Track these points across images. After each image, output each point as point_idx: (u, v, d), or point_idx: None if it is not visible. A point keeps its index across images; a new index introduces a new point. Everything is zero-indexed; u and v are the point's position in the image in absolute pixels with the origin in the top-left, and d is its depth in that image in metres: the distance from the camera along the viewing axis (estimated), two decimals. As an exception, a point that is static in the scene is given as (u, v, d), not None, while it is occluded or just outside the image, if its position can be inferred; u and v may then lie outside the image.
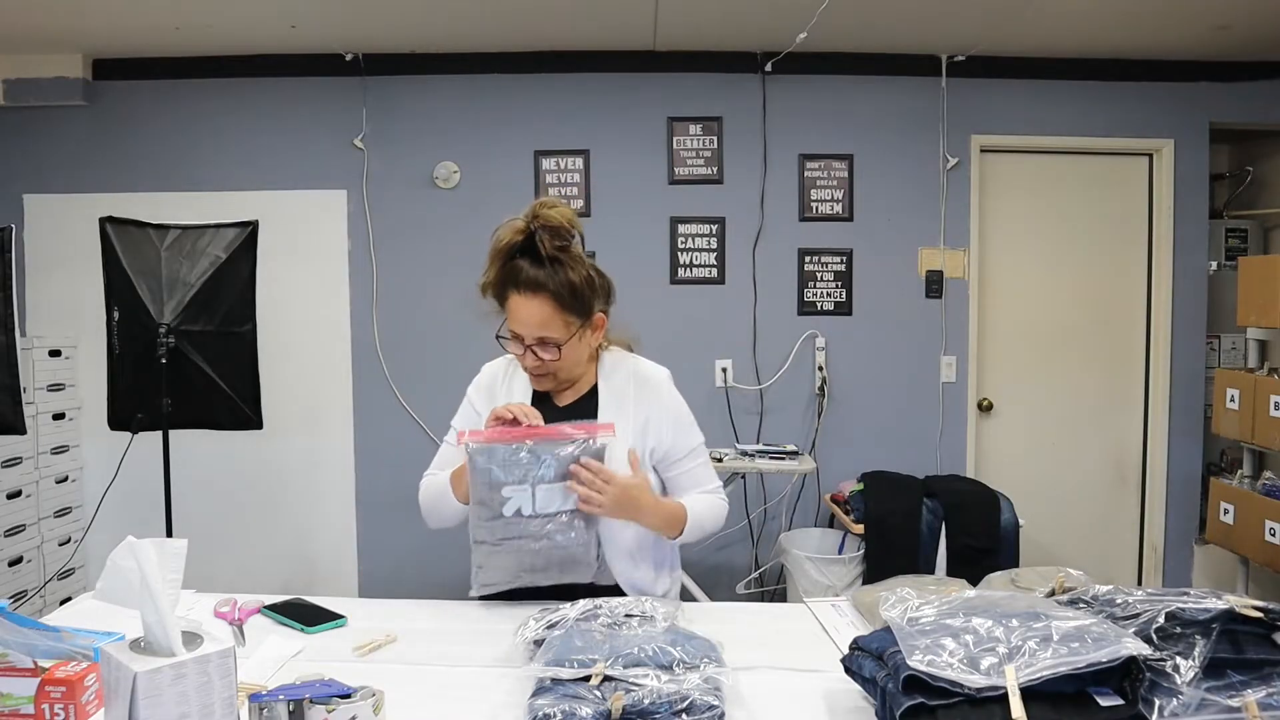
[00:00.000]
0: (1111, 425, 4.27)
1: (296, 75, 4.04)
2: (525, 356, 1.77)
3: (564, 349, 1.75)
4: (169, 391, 3.08)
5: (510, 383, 1.90)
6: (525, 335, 1.75)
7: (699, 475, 1.88)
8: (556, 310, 1.73)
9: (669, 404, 1.86)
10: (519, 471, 1.65)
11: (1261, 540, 3.34)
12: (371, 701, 1.13)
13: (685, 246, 4.10)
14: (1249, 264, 3.62)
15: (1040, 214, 4.22)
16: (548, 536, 1.67)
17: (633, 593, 1.82)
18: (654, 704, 1.17)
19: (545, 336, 1.74)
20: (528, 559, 1.68)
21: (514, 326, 1.76)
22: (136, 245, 3.14)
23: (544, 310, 1.72)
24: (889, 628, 1.23)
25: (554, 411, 1.83)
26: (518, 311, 1.74)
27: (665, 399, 1.86)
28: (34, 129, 4.03)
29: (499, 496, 1.66)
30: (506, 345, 1.80)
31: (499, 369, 1.94)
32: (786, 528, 4.05)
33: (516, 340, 1.77)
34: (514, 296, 1.74)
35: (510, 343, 1.79)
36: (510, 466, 1.65)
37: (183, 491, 3.50)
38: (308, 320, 4.10)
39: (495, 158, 4.07)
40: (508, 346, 1.80)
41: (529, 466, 1.65)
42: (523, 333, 1.75)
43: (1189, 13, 3.51)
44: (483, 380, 1.94)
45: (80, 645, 1.28)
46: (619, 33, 3.81)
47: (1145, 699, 1.08)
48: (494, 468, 1.65)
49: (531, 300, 1.72)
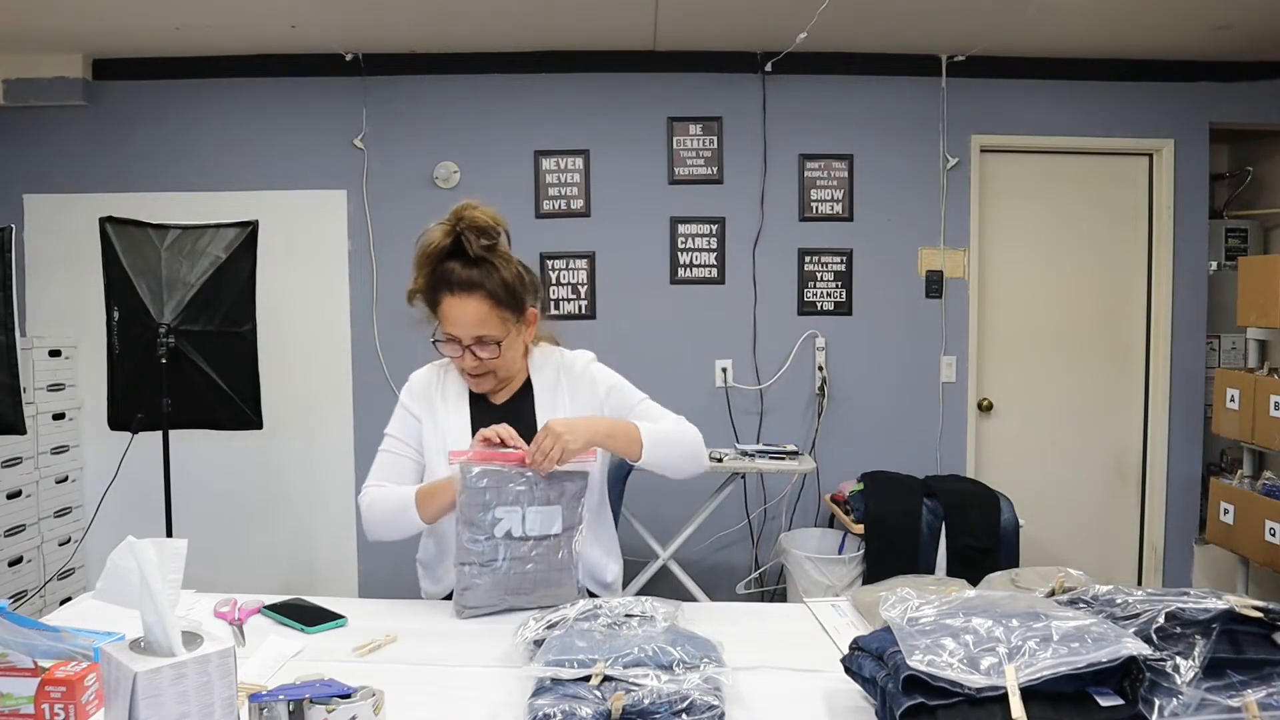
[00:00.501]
0: (1111, 425, 4.27)
1: (296, 75, 4.04)
2: (464, 358, 1.78)
3: (502, 346, 1.78)
4: (169, 391, 3.08)
5: (444, 387, 1.91)
6: (463, 336, 1.76)
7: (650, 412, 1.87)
8: (493, 308, 1.76)
9: (598, 379, 1.90)
10: (511, 494, 1.66)
11: (1261, 540, 3.34)
12: (371, 701, 1.13)
13: (685, 246, 4.10)
14: (1249, 264, 3.62)
15: (1040, 214, 4.22)
16: (535, 560, 1.68)
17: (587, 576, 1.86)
18: (654, 704, 1.17)
19: (483, 335, 1.76)
20: (514, 581, 1.68)
21: (450, 329, 1.77)
22: (136, 245, 3.14)
23: (480, 309, 1.75)
24: (889, 628, 1.23)
25: (491, 410, 1.87)
26: (453, 313, 1.76)
27: (596, 378, 1.90)
28: (34, 129, 4.03)
29: (490, 518, 1.66)
30: (443, 349, 1.81)
31: (430, 375, 1.94)
32: (786, 528, 4.05)
33: (453, 343, 1.78)
34: (447, 299, 1.76)
35: (446, 345, 1.79)
36: (503, 489, 1.66)
37: (183, 491, 3.50)
38: (308, 320, 4.10)
39: (495, 158, 4.07)
40: (444, 350, 1.81)
41: (520, 490, 1.67)
42: (460, 334, 1.76)
43: (1189, 13, 3.51)
44: (415, 388, 1.93)
45: (80, 645, 1.28)
46: (619, 33, 3.81)
47: (1145, 699, 1.07)
48: (488, 490, 1.66)
49: (467, 300, 1.75)
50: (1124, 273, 4.23)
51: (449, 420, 1.87)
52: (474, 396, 1.89)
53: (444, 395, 1.90)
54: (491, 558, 1.67)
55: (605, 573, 1.91)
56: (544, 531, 1.68)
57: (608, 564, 1.93)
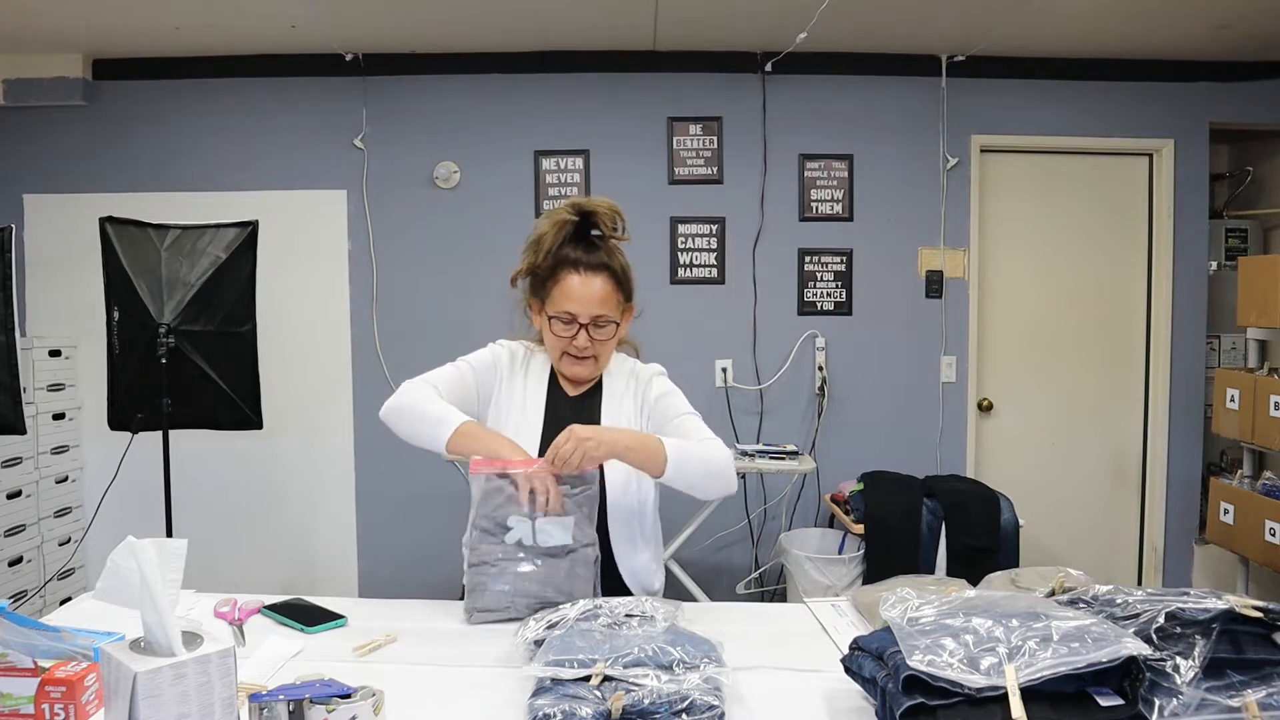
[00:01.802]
0: (1111, 425, 4.27)
1: (296, 75, 4.03)
2: (578, 337, 1.79)
3: (612, 336, 1.82)
4: (169, 391, 3.08)
5: (529, 363, 1.92)
6: (581, 314, 1.78)
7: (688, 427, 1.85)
8: (614, 290, 1.82)
9: (656, 386, 1.91)
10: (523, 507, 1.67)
11: (1261, 540, 3.34)
12: (371, 701, 1.13)
13: (685, 246, 4.10)
14: (1249, 264, 3.62)
15: (1040, 214, 4.22)
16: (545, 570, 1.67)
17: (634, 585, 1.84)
18: (654, 704, 1.17)
19: (602, 315, 1.79)
20: (524, 584, 1.66)
21: (569, 307, 1.78)
22: (136, 245, 3.14)
23: (605, 288, 1.80)
24: (889, 628, 1.23)
25: (565, 400, 1.88)
26: (578, 290, 1.78)
27: (655, 384, 1.91)
28: (34, 129, 4.03)
29: (502, 527, 1.67)
30: (555, 327, 1.81)
31: (518, 350, 1.95)
32: (786, 528, 4.05)
33: (571, 322, 1.79)
34: (572, 277, 1.79)
35: (561, 325, 1.80)
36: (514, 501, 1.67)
37: (183, 491, 3.51)
38: (308, 320, 4.10)
39: (495, 158, 4.06)
40: (556, 329, 1.81)
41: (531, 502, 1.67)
42: (580, 311, 1.78)
43: (1189, 13, 3.51)
44: (503, 351, 1.93)
45: (80, 645, 1.28)
46: (619, 33, 3.81)
47: (1145, 699, 1.08)
48: (501, 498, 1.67)
49: (593, 279, 1.79)
50: (1124, 273, 4.23)
51: (526, 396, 1.87)
52: (551, 383, 1.90)
53: (527, 371, 1.91)
54: (503, 557, 1.67)
55: (654, 580, 1.90)
56: (556, 543, 1.67)
57: (656, 572, 1.92)
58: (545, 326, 1.85)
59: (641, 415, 1.89)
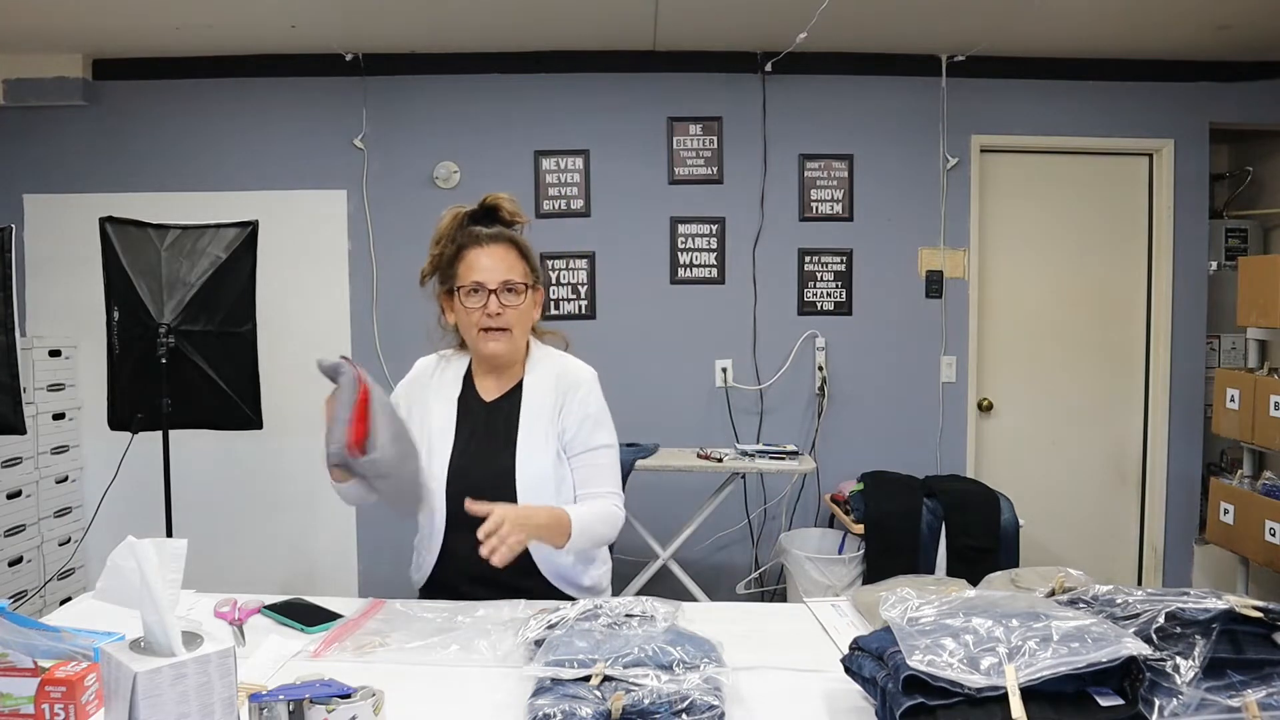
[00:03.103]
0: (1111, 425, 4.27)
1: (296, 75, 4.04)
2: (489, 303, 1.80)
3: (522, 304, 1.83)
4: (169, 391, 3.08)
5: (442, 375, 1.94)
6: (489, 280, 1.81)
7: (598, 474, 1.86)
8: (519, 257, 1.86)
9: (585, 399, 1.88)
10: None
11: (1261, 540, 3.34)
12: (371, 701, 1.13)
13: (685, 246, 4.10)
14: (1249, 264, 3.62)
15: (1040, 214, 4.22)
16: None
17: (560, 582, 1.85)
18: (654, 704, 1.17)
19: (510, 280, 1.81)
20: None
21: (476, 277, 1.81)
22: (136, 245, 3.14)
23: (508, 256, 1.84)
24: (889, 628, 1.23)
25: (480, 407, 1.89)
26: (481, 260, 1.82)
27: (583, 393, 1.88)
28: (34, 129, 4.03)
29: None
30: (467, 302, 1.82)
31: (431, 364, 1.98)
32: (786, 528, 4.05)
33: (479, 292, 1.81)
34: (475, 251, 1.83)
35: (472, 297, 1.81)
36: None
37: (183, 491, 3.50)
38: (308, 320, 4.09)
39: (495, 158, 4.06)
40: (469, 303, 1.82)
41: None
42: (486, 279, 1.81)
43: (1189, 13, 3.51)
44: (415, 373, 1.98)
45: (80, 645, 1.28)
46: (619, 33, 3.81)
47: (1145, 699, 1.07)
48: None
49: (495, 248, 1.84)
50: (1124, 273, 4.23)
51: (436, 407, 1.89)
52: (464, 390, 1.91)
53: (441, 381, 1.93)
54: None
55: (582, 576, 1.88)
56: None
57: (588, 570, 1.90)
58: (459, 310, 1.85)
59: (555, 427, 1.85)
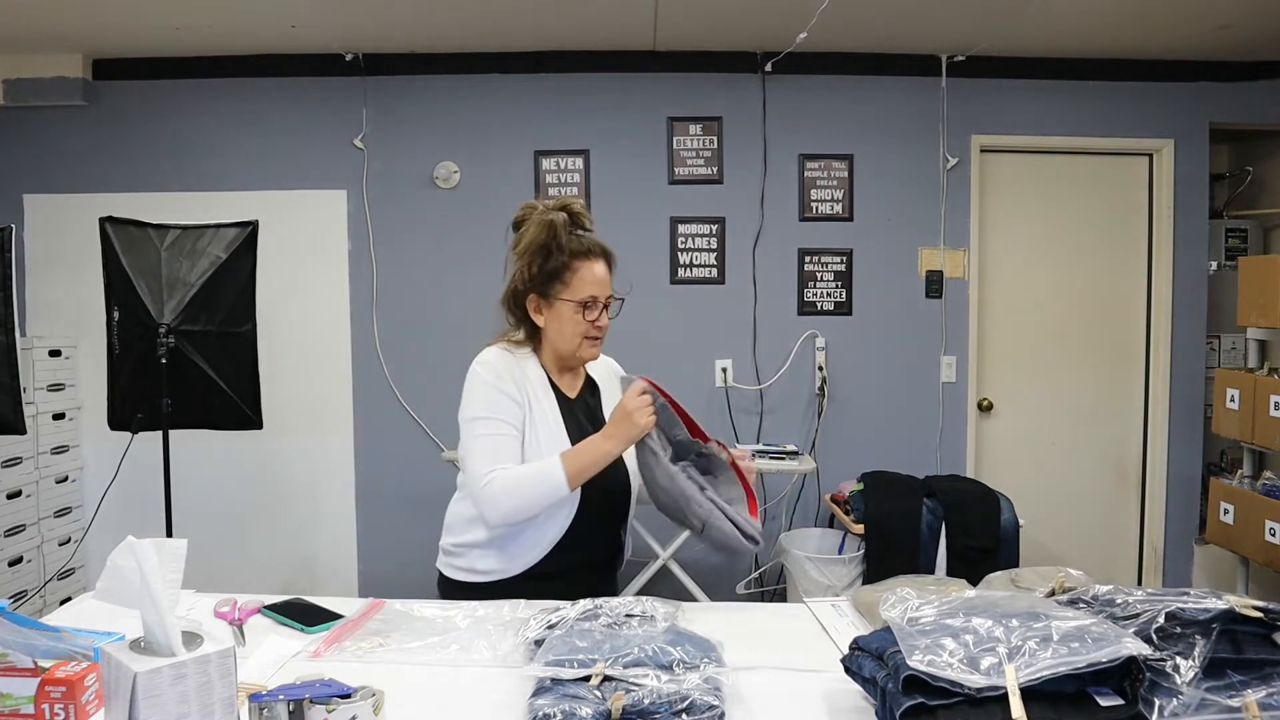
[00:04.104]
0: (1111, 425, 4.27)
1: (296, 75, 4.03)
2: (601, 317, 1.87)
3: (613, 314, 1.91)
4: (169, 391, 3.08)
5: (525, 371, 1.89)
6: (602, 294, 1.86)
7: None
8: (610, 269, 1.90)
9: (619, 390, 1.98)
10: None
11: (1261, 540, 3.34)
12: (371, 701, 1.13)
13: (685, 246, 4.10)
14: (1249, 264, 3.61)
15: (1040, 214, 4.22)
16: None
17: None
18: (654, 704, 1.17)
19: (612, 294, 1.88)
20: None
21: (593, 291, 1.84)
22: (136, 245, 3.14)
23: (606, 270, 1.88)
24: (889, 628, 1.23)
25: (568, 403, 1.93)
26: (596, 274, 1.85)
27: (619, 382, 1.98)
28: (34, 129, 4.03)
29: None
30: (580, 314, 1.85)
31: (508, 359, 1.89)
32: (786, 528, 4.05)
33: (592, 305, 1.85)
34: (585, 264, 1.84)
35: (585, 310, 1.85)
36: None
37: (183, 491, 3.50)
38: (308, 320, 4.10)
39: (495, 158, 4.06)
40: (582, 316, 1.85)
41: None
42: (600, 293, 1.85)
43: (1189, 13, 3.51)
44: (501, 368, 1.87)
45: (80, 645, 1.28)
46: (619, 33, 3.80)
47: (1145, 699, 1.07)
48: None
49: (599, 262, 1.87)
50: (1124, 273, 4.23)
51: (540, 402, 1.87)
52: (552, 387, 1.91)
53: (526, 376, 1.88)
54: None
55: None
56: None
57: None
58: (564, 316, 1.86)
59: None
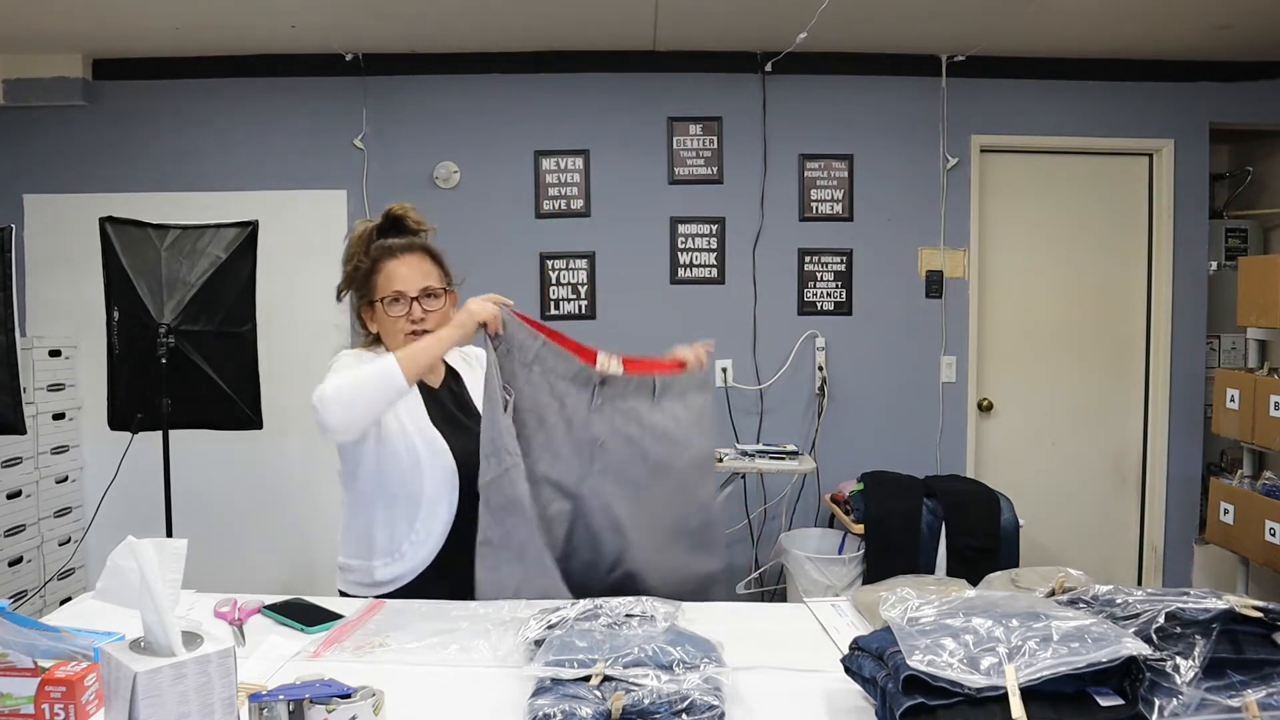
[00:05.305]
0: (1111, 425, 4.27)
1: (296, 75, 4.03)
2: (412, 310, 1.88)
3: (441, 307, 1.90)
4: (169, 391, 3.08)
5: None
6: (409, 289, 1.89)
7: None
8: (434, 264, 1.95)
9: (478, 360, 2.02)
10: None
11: (1261, 540, 3.34)
12: (371, 701, 1.13)
13: (685, 246, 4.10)
14: (1249, 264, 3.62)
15: (1040, 214, 4.22)
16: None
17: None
18: (654, 704, 1.17)
19: (429, 287, 1.90)
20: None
21: (397, 286, 1.89)
22: (136, 245, 3.14)
23: (423, 264, 1.93)
24: (889, 628, 1.23)
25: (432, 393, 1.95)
26: (400, 271, 1.90)
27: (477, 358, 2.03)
28: (34, 129, 4.03)
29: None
30: (390, 310, 1.89)
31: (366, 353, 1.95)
32: (786, 528, 4.05)
33: (400, 300, 1.88)
34: (391, 263, 1.92)
35: (394, 306, 1.89)
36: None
37: (183, 491, 3.50)
38: (308, 320, 4.09)
39: (495, 158, 4.06)
40: (392, 312, 1.89)
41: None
42: (407, 288, 1.89)
43: (1189, 13, 3.51)
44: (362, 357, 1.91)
45: (80, 645, 1.28)
46: (619, 33, 3.81)
47: (1145, 699, 1.07)
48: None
49: (410, 257, 1.93)
50: (1124, 273, 4.23)
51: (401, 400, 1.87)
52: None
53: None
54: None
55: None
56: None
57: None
58: (382, 319, 1.92)
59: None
